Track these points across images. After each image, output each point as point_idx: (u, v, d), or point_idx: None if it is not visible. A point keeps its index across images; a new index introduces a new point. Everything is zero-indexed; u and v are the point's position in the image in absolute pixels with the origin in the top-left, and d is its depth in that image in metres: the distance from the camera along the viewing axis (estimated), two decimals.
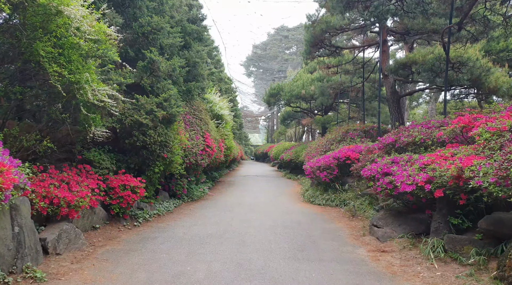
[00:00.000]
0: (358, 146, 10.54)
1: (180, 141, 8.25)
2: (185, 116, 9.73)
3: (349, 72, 14.57)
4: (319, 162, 10.40)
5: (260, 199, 10.89)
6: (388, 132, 12.81)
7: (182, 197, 9.67)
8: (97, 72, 5.22)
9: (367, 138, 12.31)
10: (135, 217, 6.94)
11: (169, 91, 7.02)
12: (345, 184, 10.34)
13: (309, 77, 19.67)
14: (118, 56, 5.63)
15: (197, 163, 9.74)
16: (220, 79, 21.75)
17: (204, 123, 10.84)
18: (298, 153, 18.55)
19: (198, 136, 9.87)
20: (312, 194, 10.64)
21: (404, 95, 12.12)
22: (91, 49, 4.54)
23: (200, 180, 11.42)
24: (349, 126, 13.33)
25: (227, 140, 14.81)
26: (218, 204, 9.69)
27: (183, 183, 9.55)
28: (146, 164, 7.33)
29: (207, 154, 10.51)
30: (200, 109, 10.83)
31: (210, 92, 15.17)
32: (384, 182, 5.68)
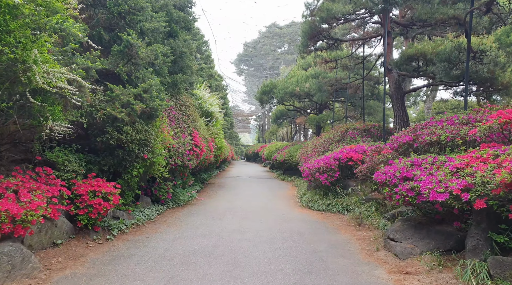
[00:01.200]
0: (361, 146, 9.65)
1: (164, 140, 7.23)
2: (170, 112, 8.70)
3: (347, 68, 13.71)
4: (319, 163, 9.48)
5: (254, 203, 9.92)
6: (391, 131, 12.02)
7: (167, 203, 8.64)
8: (55, 53, 4.18)
9: (368, 137, 11.45)
10: (109, 228, 5.90)
11: (150, 81, 5.99)
12: (347, 187, 9.44)
13: (304, 74, 18.78)
14: (83, 34, 4.59)
15: (183, 164, 8.72)
16: (210, 76, 20.71)
17: (192, 120, 9.82)
18: (292, 153, 17.64)
19: (185, 135, 8.85)
20: (310, 198, 9.71)
21: (409, 91, 11.32)
22: (39, 18, 3.49)
23: (188, 183, 10.39)
24: (348, 125, 12.45)
25: (217, 139, 13.80)
26: (207, 210, 8.69)
27: (168, 186, 8.52)
28: (123, 166, 6.29)
29: (195, 154, 9.49)
30: (188, 104, 9.81)
31: (199, 88, 14.17)
32: (404, 188, 4.76)
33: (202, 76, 18.34)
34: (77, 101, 4.16)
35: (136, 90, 5.87)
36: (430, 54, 8.30)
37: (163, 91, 7.45)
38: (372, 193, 8.64)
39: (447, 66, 7.21)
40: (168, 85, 8.88)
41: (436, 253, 4.51)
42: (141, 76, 6.22)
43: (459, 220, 4.61)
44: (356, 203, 8.48)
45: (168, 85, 8.87)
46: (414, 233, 4.98)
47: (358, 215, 7.50)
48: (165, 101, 7.02)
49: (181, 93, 9.67)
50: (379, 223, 6.74)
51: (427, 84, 10.33)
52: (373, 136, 11.55)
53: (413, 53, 8.50)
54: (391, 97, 10.51)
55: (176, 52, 9.13)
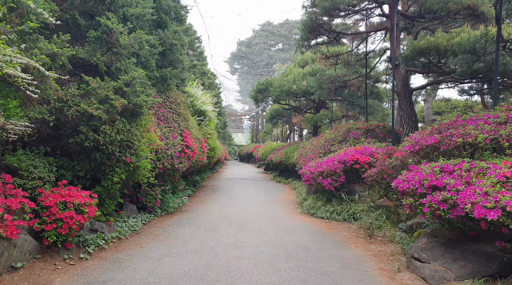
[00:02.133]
0: (367, 147, 8.90)
1: (150, 141, 6.38)
2: (159, 110, 7.84)
3: (349, 64, 12.96)
4: (321, 166, 8.70)
5: (250, 209, 9.11)
6: (396, 132, 11.30)
7: (154, 210, 7.78)
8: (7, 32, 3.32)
9: (372, 138, 10.72)
10: (84, 244, 5.04)
11: (133, 73, 5.13)
12: (352, 193, 8.68)
13: (301, 71, 18.02)
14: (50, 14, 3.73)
15: (173, 167, 7.88)
16: (203, 73, 19.84)
17: (183, 119, 8.97)
18: (288, 154, 16.88)
19: (175, 135, 8.00)
20: (312, 205, 8.93)
21: (417, 89, 10.63)
22: None
23: (178, 187, 9.54)
24: (351, 124, 11.71)
25: (210, 140, 12.96)
26: (199, 218, 7.85)
27: (156, 192, 7.66)
28: (102, 171, 5.43)
29: (186, 156, 8.65)
30: (178, 102, 8.96)
31: (191, 85, 13.31)
32: (434, 199, 4.00)
33: (194, 74, 17.48)
34: (34, 93, 3.31)
35: (117, 83, 5.01)
36: (445, 47, 7.59)
37: (150, 86, 6.60)
38: (380, 199, 7.89)
39: (470, 59, 6.49)
40: (156, 80, 8.02)
41: (478, 278, 3.74)
42: (123, 68, 5.36)
43: (502, 238, 3.85)
44: (363, 211, 7.72)
45: (156, 80, 8.01)
46: (445, 252, 4.21)
47: (369, 225, 6.74)
48: (152, 98, 6.17)
49: (171, 90, 8.82)
50: (394, 236, 5.98)
51: (436, 80, 9.62)
52: (377, 137, 10.83)
53: (425, 46, 7.79)
54: (398, 95, 9.79)
55: (166, 44, 8.28)
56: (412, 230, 5.78)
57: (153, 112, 7.48)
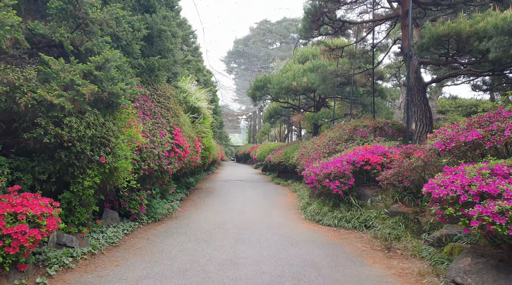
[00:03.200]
0: (379, 146, 8.02)
1: (132, 138, 5.44)
2: (144, 103, 6.91)
3: (354, 57, 12.06)
4: (328, 167, 7.80)
5: (248, 215, 8.19)
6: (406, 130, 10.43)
7: (140, 217, 6.84)
8: None
9: (381, 136, 9.84)
10: (45, 263, 4.09)
11: (106, 53, 4.20)
12: (362, 197, 7.78)
13: (301, 67, 17.13)
14: None
15: (161, 168, 6.94)
16: (198, 70, 18.91)
17: (174, 115, 8.03)
18: (288, 154, 15.99)
19: (163, 132, 7.06)
20: (317, 210, 8.02)
21: (431, 82, 9.75)
22: None
23: (168, 191, 8.60)
24: (357, 122, 10.83)
25: (205, 139, 12.03)
26: (191, 226, 6.92)
27: (141, 197, 6.72)
28: (70, 173, 4.49)
29: (177, 156, 7.72)
30: (168, 95, 8.02)
31: (184, 81, 12.38)
32: (486, 210, 3.10)
33: (188, 69, 16.55)
34: None
35: (86, 66, 4.07)
36: (467, 33, 6.72)
37: (132, 75, 5.66)
38: (395, 204, 7.00)
39: (508, 42, 5.62)
40: (142, 70, 7.09)
41: None
42: (95, 49, 4.42)
43: None
44: (376, 218, 6.82)
45: (141, 70, 7.08)
46: (498, 277, 3.32)
47: (386, 235, 5.84)
48: (135, 88, 5.24)
49: (159, 82, 7.88)
50: (419, 249, 5.08)
51: (453, 73, 8.77)
52: (386, 135, 9.95)
53: (445, 33, 6.91)
54: (410, 89, 8.91)
55: (153, 30, 7.35)
56: (441, 243, 4.88)
57: (138, 106, 6.55)
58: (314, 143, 12.14)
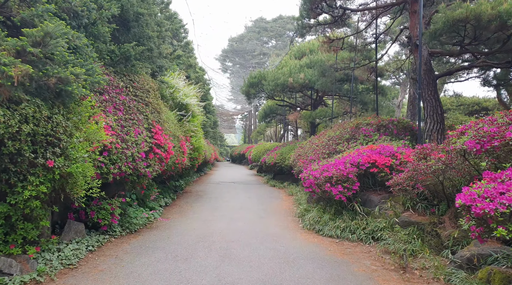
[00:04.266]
0: (386, 146, 7.12)
1: (94, 136, 4.48)
2: (117, 96, 5.94)
3: (355, 50, 11.16)
4: (329, 170, 6.89)
5: (239, 224, 7.26)
6: (413, 128, 9.55)
7: (112, 229, 5.88)
8: None
9: (386, 135, 8.95)
10: None
11: (45, 25, 3.24)
12: (368, 204, 6.87)
13: (297, 63, 16.22)
14: None
15: (137, 172, 5.99)
16: (190, 66, 17.95)
17: (154, 110, 7.08)
18: (284, 155, 15.08)
19: (139, 130, 6.10)
20: (316, 218, 7.10)
21: (443, 75, 8.86)
22: None
23: (149, 197, 7.65)
24: (359, 119, 9.94)
25: (194, 138, 11.08)
26: (172, 239, 5.97)
27: (113, 205, 5.75)
28: (4, 181, 3.53)
29: (157, 157, 6.77)
30: (147, 89, 7.06)
31: (171, 75, 11.44)
32: None
33: (178, 65, 15.58)
34: None
35: (17, 41, 3.11)
36: (488, 17, 5.86)
37: (95, 59, 4.71)
38: (406, 212, 6.10)
39: None
40: (116, 58, 6.12)
41: None
42: (36, 21, 3.45)
43: None
44: (386, 229, 5.92)
45: (115, 58, 6.11)
46: None
47: (401, 251, 4.93)
48: (97, 75, 4.29)
49: (137, 73, 6.92)
50: (442, 271, 4.17)
51: (470, 64, 7.92)
52: (391, 134, 9.06)
53: (463, 17, 6.02)
54: (419, 82, 8.01)
55: (129, 13, 6.40)
56: (471, 265, 3.97)
57: (108, 99, 5.58)
58: (312, 142, 11.23)
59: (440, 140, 7.81)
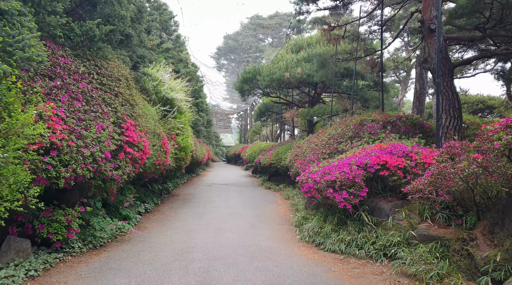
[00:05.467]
0: (398, 145, 6.13)
1: (27, 130, 3.43)
2: (76, 83, 4.87)
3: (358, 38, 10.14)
4: (331, 172, 5.88)
5: (227, 235, 6.24)
6: (424, 124, 8.57)
7: (69, 245, 4.84)
8: None
9: (393, 132, 7.96)
10: None
11: None
12: (376, 212, 5.86)
13: (294, 57, 15.22)
14: None
15: (101, 175, 4.94)
16: (180, 60, 16.90)
17: (126, 103, 6.03)
18: (280, 155, 14.08)
19: (103, 124, 5.05)
20: (316, 229, 6.09)
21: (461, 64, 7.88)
22: None
23: (123, 203, 6.61)
24: (363, 116, 8.94)
25: (180, 136, 10.03)
26: (142, 257, 4.94)
27: (69, 217, 4.71)
28: None
29: (129, 157, 5.73)
30: (118, 77, 6.01)
31: (156, 67, 10.40)
32: None
33: (167, 58, 14.53)
34: None
35: None
36: None
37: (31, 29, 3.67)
38: (423, 223, 5.11)
39: None
40: (74, 37, 5.07)
41: None
42: None
43: None
44: (400, 243, 4.91)
45: (74, 38, 5.06)
46: None
47: (424, 276, 3.92)
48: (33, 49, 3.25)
49: (106, 58, 5.87)
50: None
51: (492, 51, 6.99)
52: (398, 132, 8.07)
53: None
54: (432, 73, 7.04)
55: None
56: None
57: (60, 85, 4.53)
58: (311, 141, 10.23)
59: (457, 139, 6.83)
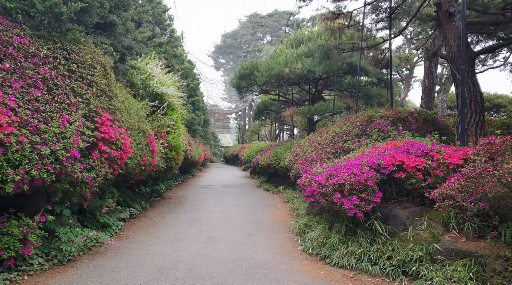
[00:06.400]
0: (416, 143, 5.35)
1: None
2: (35, 68, 4.07)
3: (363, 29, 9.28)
4: (338, 174, 5.10)
5: (219, 246, 5.45)
6: (438, 121, 7.79)
7: (27, 262, 4.04)
8: None
9: (404, 130, 7.18)
10: None
11: None
12: (390, 220, 5.07)
13: (294, 52, 14.43)
14: None
15: (69, 178, 4.15)
16: (175, 56, 16.11)
17: (101, 94, 5.23)
18: (279, 155, 13.29)
19: (69, 118, 4.25)
20: (321, 239, 5.31)
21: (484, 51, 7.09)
22: None
23: (101, 209, 5.81)
24: (370, 111, 8.16)
25: (171, 135, 9.24)
26: (116, 274, 4.15)
27: (24, 229, 3.90)
28: None
29: (105, 156, 4.93)
30: (92, 64, 5.20)
31: (145, 60, 9.63)
32: None
33: (159, 53, 13.74)
34: None
35: None
36: None
37: None
38: (447, 234, 4.34)
39: None
40: (36, 15, 4.28)
41: None
42: None
43: None
44: (424, 259, 4.13)
45: (35, 15, 4.27)
46: None
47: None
48: None
49: (78, 42, 5.07)
50: None
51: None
52: (408, 129, 7.30)
53: None
54: (451, 62, 6.26)
55: None
56: None
57: (11, 68, 3.73)
58: (312, 140, 9.44)
59: (479, 136, 6.06)
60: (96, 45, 6.68)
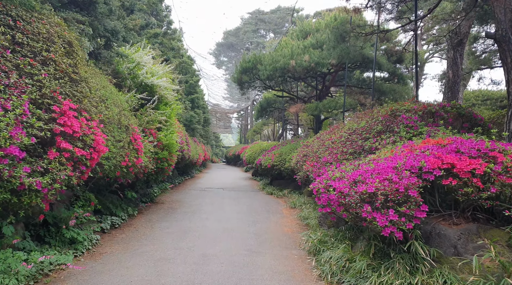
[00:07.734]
0: (466, 141, 4.19)
1: None
2: None
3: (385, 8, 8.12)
4: (366, 179, 3.94)
5: (215, 268, 4.32)
6: (475, 116, 6.63)
7: None
8: None
9: (436, 126, 6.02)
10: None
11: None
12: (434, 241, 3.90)
13: (301, 44, 13.28)
14: None
15: (7, 185, 3.03)
16: (172, 49, 15.00)
17: (63, 76, 4.09)
18: (284, 155, 12.17)
19: (4, 103, 3.12)
20: (342, 261, 4.17)
21: None
22: None
23: (67, 222, 4.69)
24: (394, 105, 7.00)
25: (163, 132, 8.11)
26: None
27: None
28: None
29: (66, 156, 3.81)
30: (50, 38, 4.05)
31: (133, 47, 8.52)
32: None
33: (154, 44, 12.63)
34: None
35: None
36: None
37: None
38: None
39: None
40: None
41: None
42: None
43: None
44: None
45: None
46: None
47: None
48: None
49: (30, 8, 3.95)
50: None
51: None
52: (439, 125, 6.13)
53: None
54: (501, 41, 5.10)
55: None
56: None
57: None
58: (323, 139, 8.30)
59: None
60: (68, 22, 5.56)
